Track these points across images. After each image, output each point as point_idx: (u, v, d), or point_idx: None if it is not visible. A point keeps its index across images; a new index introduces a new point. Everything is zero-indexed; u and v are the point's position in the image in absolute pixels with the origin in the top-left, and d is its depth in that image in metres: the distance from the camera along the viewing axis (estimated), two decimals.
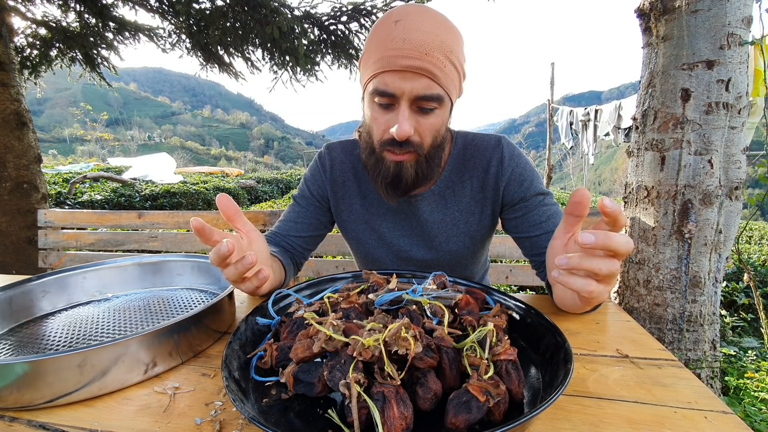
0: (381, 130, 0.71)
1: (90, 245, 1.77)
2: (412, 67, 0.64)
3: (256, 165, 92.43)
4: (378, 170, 0.75)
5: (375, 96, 0.69)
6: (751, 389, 1.63)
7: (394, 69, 0.65)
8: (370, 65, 0.69)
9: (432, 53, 0.64)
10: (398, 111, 0.68)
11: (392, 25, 0.65)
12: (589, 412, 0.42)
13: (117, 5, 3.27)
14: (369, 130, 0.74)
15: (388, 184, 0.75)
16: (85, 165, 12.46)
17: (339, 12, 3.09)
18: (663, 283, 1.40)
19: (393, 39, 0.64)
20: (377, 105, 0.70)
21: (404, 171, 0.73)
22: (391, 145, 0.70)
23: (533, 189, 0.83)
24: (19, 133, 2.52)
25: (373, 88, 0.68)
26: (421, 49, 0.64)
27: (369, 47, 0.70)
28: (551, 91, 7.99)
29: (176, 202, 7.20)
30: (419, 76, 0.65)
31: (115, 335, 0.61)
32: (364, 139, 0.77)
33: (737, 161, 1.29)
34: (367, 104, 0.74)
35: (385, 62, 0.65)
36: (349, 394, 0.36)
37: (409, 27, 0.64)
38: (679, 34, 1.30)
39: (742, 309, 2.65)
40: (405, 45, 0.64)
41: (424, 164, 0.74)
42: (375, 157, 0.75)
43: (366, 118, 0.76)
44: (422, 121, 0.69)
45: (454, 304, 0.51)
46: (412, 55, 0.64)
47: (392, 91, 0.66)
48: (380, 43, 0.66)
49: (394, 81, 0.65)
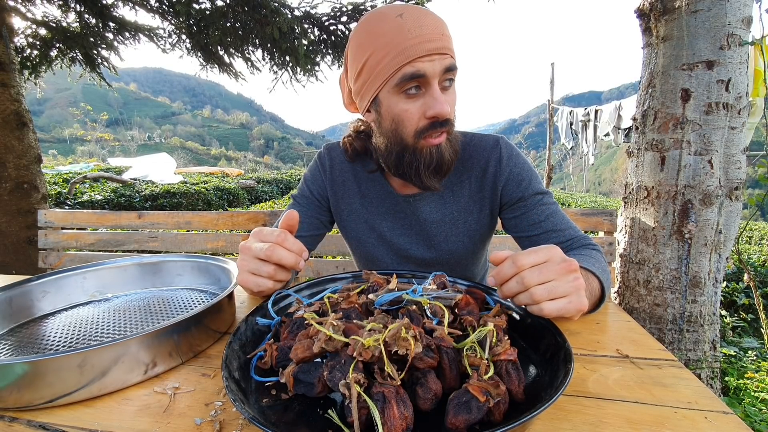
0: (415, 118, 0.71)
1: (90, 245, 1.78)
2: (436, 48, 0.66)
3: (256, 165, 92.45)
4: (417, 162, 0.74)
5: (403, 83, 0.68)
6: (751, 389, 1.63)
7: (421, 55, 0.65)
8: (387, 63, 0.67)
9: (444, 32, 0.68)
10: (430, 93, 0.69)
11: (399, 20, 0.66)
12: (589, 413, 0.42)
13: (117, 5, 3.28)
14: (397, 127, 0.73)
15: (432, 170, 0.74)
16: (85, 165, 12.46)
17: (339, 12, 3.10)
18: (663, 284, 1.40)
19: (408, 29, 0.66)
20: (405, 95, 0.69)
21: (444, 152, 0.74)
22: (431, 128, 0.70)
23: (531, 188, 0.84)
24: (19, 133, 2.52)
25: (401, 76, 0.67)
26: (437, 30, 0.67)
27: (376, 49, 0.68)
28: (551, 91, 8.00)
29: (176, 203, 7.20)
30: (442, 55, 0.67)
31: (115, 335, 0.61)
32: (390, 140, 0.75)
33: (737, 161, 1.29)
34: (390, 101, 0.71)
35: (411, 51, 0.65)
36: (349, 395, 0.35)
37: (417, 15, 0.67)
38: (679, 34, 1.30)
39: (742, 309, 2.65)
40: (424, 31, 0.66)
41: (453, 142, 0.76)
42: (410, 152, 0.74)
43: (389, 117, 0.73)
44: (448, 98, 0.71)
45: (454, 304, 0.51)
46: (433, 37, 0.66)
47: (423, 71, 0.67)
48: (393, 38, 0.66)
49: (423, 64, 0.66)
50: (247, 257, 0.61)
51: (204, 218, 1.68)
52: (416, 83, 0.68)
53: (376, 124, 0.77)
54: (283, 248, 0.59)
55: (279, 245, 0.59)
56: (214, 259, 0.81)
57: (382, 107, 0.73)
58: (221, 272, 0.78)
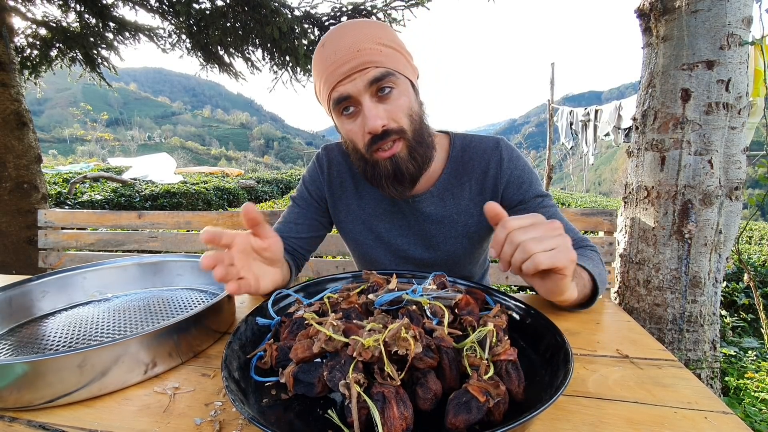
0: (360, 135, 0.73)
1: (90, 245, 1.77)
2: (352, 68, 0.68)
3: (256, 165, 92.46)
4: (378, 174, 0.76)
5: (338, 108, 0.72)
6: (751, 389, 1.63)
7: (339, 79, 0.69)
8: (323, 91, 0.74)
9: (362, 47, 0.68)
10: (362, 109, 0.70)
11: (321, 50, 0.71)
12: (589, 413, 0.42)
13: (117, 5, 3.27)
14: (353, 145, 0.77)
15: (392, 181, 0.76)
16: (85, 165, 12.46)
17: (339, 12, 3.09)
18: (663, 284, 1.40)
19: (326, 58, 0.70)
20: (345, 117, 0.74)
21: (400, 162, 0.74)
22: (376, 142, 0.72)
23: (532, 191, 0.84)
24: (19, 133, 2.52)
25: (332, 102, 0.72)
26: (352, 49, 0.68)
27: (315, 78, 0.75)
28: (551, 91, 7.99)
29: (176, 202, 7.20)
30: (361, 72, 0.68)
31: (115, 335, 0.61)
32: (354, 157, 0.80)
33: (737, 161, 1.29)
34: (339, 123, 0.77)
35: (331, 79, 0.69)
36: (349, 395, 0.35)
37: (333, 41, 0.70)
38: (679, 34, 1.30)
39: (742, 309, 2.65)
40: (337, 55, 0.68)
41: (416, 148, 0.75)
42: (370, 165, 0.76)
43: (344, 137, 0.79)
44: (389, 107, 0.71)
45: (454, 304, 0.51)
46: (346, 59, 0.68)
47: (348, 93, 0.69)
48: (320, 68, 0.71)
49: (344, 87, 0.69)
50: None
51: (204, 218, 1.68)
52: (348, 104, 0.71)
53: (342, 139, 0.83)
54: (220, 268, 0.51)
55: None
56: None
57: (338, 128, 0.80)
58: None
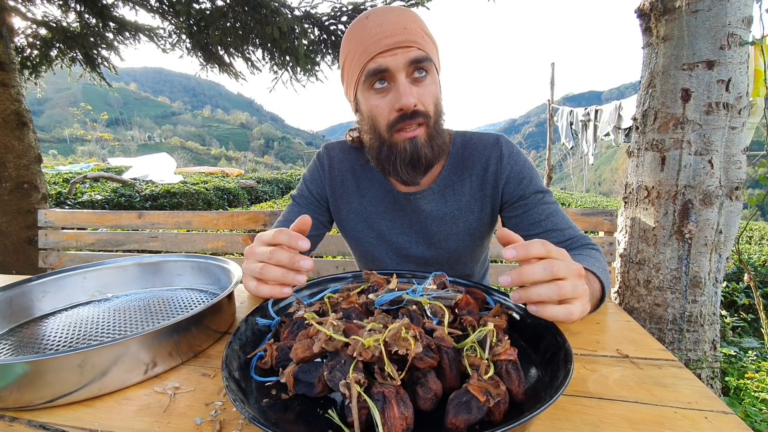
0: (386, 112, 0.72)
1: (90, 245, 1.77)
2: (397, 42, 0.67)
3: (256, 165, 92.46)
4: (393, 156, 0.75)
5: (370, 79, 0.71)
6: (751, 389, 1.63)
7: (381, 51, 0.68)
8: (356, 63, 0.72)
9: (409, 27, 0.69)
10: (396, 86, 0.70)
11: (364, 21, 0.70)
12: (589, 412, 0.42)
13: (117, 5, 3.27)
14: (373, 122, 0.75)
15: (408, 164, 0.75)
16: (85, 165, 12.46)
17: (339, 12, 3.09)
18: (663, 284, 1.40)
19: (370, 29, 0.69)
20: (374, 91, 0.72)
21: (420, 146, 0.74)
22: (401, 121, 0.71)
23: (532, 187, 0.84)
24: (19, 133, 2.52)
25: (366, 73, 0.71)
26: (399, 25, 0.68)
27: (349, 50, 0.73)
28: (551, 91, 7.99)
29: (176, 202, 7.20)
30: (405, 48, 0.68)
31: (115, 335, 0.61)
32: (370, 136, 0.78)
33: (737, 161, 1.29)
34: (364, 98, 0.75)
35: (372, 48, 0.69)
36: (349, 395, 0.35)
37: (380, 14, 0.70)
38: (680, 34, 1.30)
39: (743, 309, 2.65)
40: (383, 27, 0.68)
41: (435, 137, 0.75)
42: (387, 146, 0.75)
43: (366, 114, 0.77)
44: (421, 90, 0.71)
45: (454, 304, 0.51)
46: (392, 32, 0.68)
47: (387, 65, 0.68)
48: (359, 39, 0.70)
49: (384, 59, 0.68)
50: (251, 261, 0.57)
51: (204, 218, 1.68)
52: (382, 77, 0.71)
53: (360, 122, 0.81)
54: (284, 250, 0.54)
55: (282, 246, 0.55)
56: (214, 259, 0.81)
57: (360, 105, 0.78)
58: (221, 272, 0.78)
